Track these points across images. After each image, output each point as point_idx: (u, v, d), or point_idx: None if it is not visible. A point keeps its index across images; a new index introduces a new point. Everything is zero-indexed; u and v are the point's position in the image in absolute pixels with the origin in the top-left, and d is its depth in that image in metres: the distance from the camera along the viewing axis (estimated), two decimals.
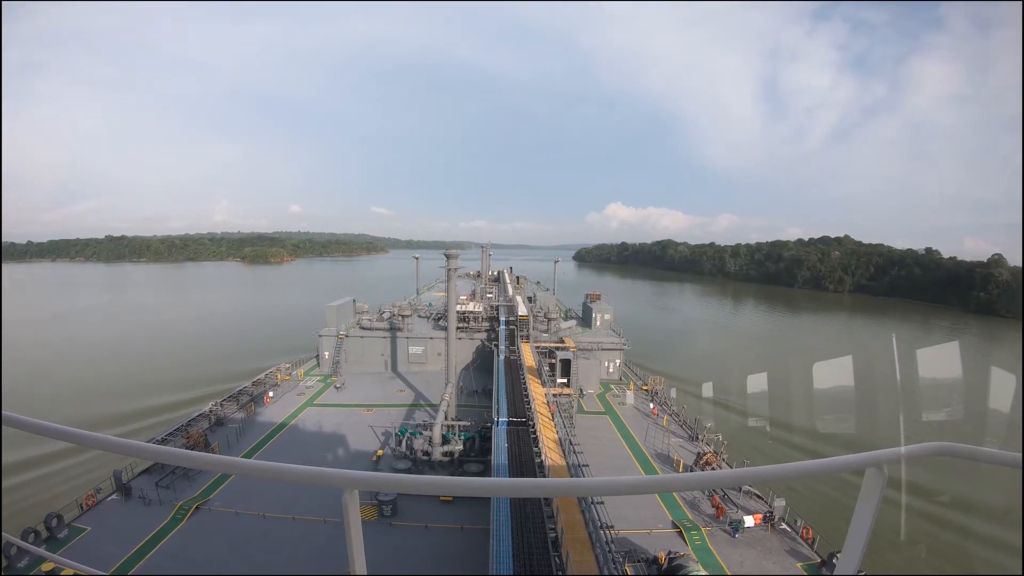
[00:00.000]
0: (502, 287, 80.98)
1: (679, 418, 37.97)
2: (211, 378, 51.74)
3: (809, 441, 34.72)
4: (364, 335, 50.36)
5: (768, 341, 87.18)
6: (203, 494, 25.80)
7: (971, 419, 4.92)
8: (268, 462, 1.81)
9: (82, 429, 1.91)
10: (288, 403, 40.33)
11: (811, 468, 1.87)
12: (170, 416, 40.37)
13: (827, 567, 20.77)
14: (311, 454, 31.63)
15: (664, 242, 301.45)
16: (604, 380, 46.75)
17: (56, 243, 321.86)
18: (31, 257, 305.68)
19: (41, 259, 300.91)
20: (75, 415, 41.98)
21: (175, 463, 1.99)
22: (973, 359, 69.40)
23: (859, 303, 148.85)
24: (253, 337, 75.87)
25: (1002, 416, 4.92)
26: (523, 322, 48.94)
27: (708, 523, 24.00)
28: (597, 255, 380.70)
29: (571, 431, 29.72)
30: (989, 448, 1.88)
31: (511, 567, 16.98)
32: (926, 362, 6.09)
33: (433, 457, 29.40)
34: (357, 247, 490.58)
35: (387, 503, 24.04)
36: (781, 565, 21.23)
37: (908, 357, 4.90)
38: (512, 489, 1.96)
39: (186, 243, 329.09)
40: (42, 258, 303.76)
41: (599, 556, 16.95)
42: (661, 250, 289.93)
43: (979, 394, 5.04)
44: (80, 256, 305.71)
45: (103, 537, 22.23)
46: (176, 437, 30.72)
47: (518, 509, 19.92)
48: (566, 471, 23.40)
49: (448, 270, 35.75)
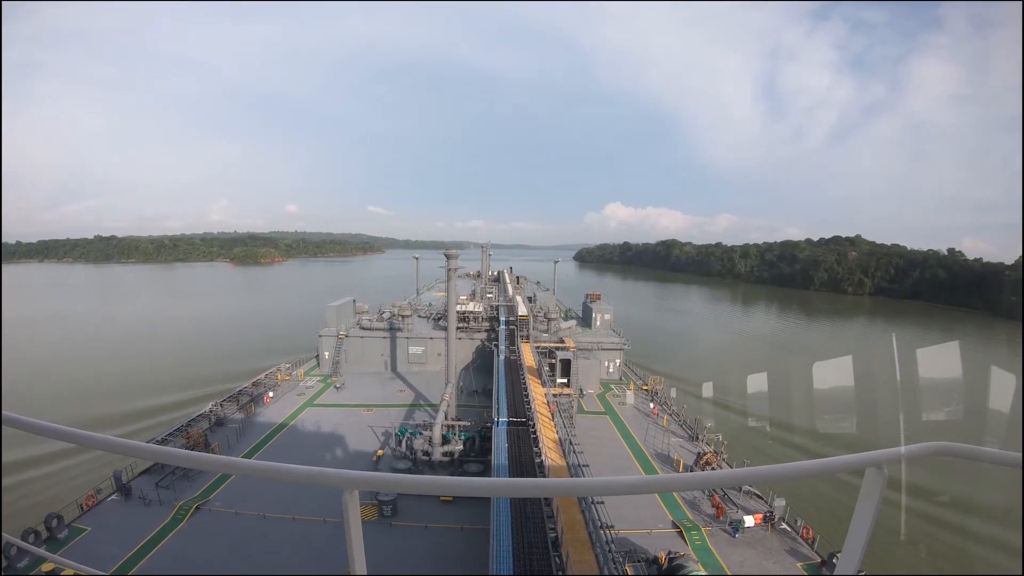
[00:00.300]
0: (502, 287, 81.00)
1: (679, 418, 37.99)
2: (211, 378, 51.77)
3: (820, 444, 34.57)
4: (364, 335, 50.35)
5: (795, 350, 77.94)
6: (203, 494, 25.79)
7: (972, 419, 4.91)
8: (268, 462, 1.81)
9: (82, 429, 1.91)
10: (288, 403, 40.32)
11: (811, 468, 1.87)
12: (170, 416, 40.39)
13: (827, 567, 20.77)
14: (311, 454, 31.63)
15: (668, 242, 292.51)
16: (604, 380, 46.75)
17: (46, 243, 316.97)
18: (19, 258, 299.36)
19: (30, 259, 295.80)
20: (75, 415, 41.98)
21: (175, 463, 1.99)
22: (1007, 367, 65.13)
23: (881, 306, 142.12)
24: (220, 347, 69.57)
25: (1002, 416, 4.92)
26: (523, 322, 48.94)
27: (708, 523, 24.00)
28: (599, 255, 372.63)
29: (571, 431, 29.69)
30: (989, 448, 1.88)
31: (511, 567, 16.97)
32: (926, 362, 6.08)
33: (433, 457, 29.40)
34: (353, 247, 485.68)
35: (387, 503, 24.03)
36: (781, 565, 21.23)
37: (908, 357, 4.89)
38: (512, 489, 1.96)
39: (176, 243, 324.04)
40: (31, 259, 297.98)
41: (599, 556, 16.94)
42: (665, 250, 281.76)
43: (979, 394, 5.04)
44: (68, 257, 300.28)
45: (103, 537, 22.23)
46: (176, 437, 30.71)
47: (518, 509, 19.92)
48: (566, 471, 23.39)
49: (448, 270, 35.75)
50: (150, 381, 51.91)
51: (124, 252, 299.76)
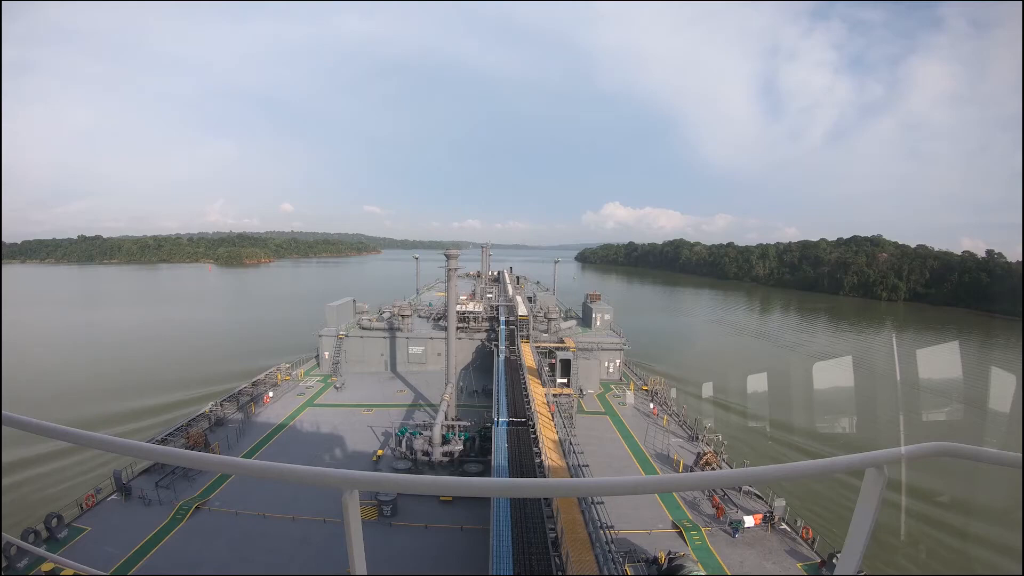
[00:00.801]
0: (502, 287, 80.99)
1: (679, 418, 37.99)
2: (211, 378, 51.76)
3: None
4: (364, 335, 50.36)
5: (884, 375, 53.49)
6: (203, 494, 25.79)
7: (971, 419, 4.90)
8: (268, 462, 1.81)
9: (82, 429, 1.91)
10: (288, 403, 40.32)
11: (811, 468, 1.87)
12: (170, 416, 40.39)
13: (827, 567, 20.76)
14: (311, 454, 31.63)
15: (676, 242, 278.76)
16: (604, 380, 46.76)
17: (30, 244, 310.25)
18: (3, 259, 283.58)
19: (12, 261, 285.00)
20: (75, 415, 41.99)
21: (175, 463, 1.99)
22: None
23: (919, 313, 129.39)
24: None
25: (1002, 416, 4.92)
26: (523, 322, 48.94)
27: (708, 523, 24.00)
28: (602, 256, 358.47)
29: (571, 431, 29.69)
30: (989, 448, 1.88)
31: (511, 567, 16.97)
32: (927, 363, 6.08)
33: (433, 457, 29.39)
34: (347, 247, 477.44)
35: (387, 503, 24.03)
36: (781, 565, 21.23)
37: (908, 357, 4.88)
38: (512, 489, 1.96)
39: (160, 243, 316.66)
40: (13, 260, 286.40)
41: (599, 556, 16.94)
42: (674, 251, 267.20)
43: (980, 394, 5.03)
44: (51, 258, 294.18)
45: (103, 537, 22.22)
46: (176, 437, 30.70)
47: (518, 509, 19.91)
48: (566, 471, 23.39)
49: (448, 270, 35.75)
50: (149, 381, 51.89)
51: (107, 253, 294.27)
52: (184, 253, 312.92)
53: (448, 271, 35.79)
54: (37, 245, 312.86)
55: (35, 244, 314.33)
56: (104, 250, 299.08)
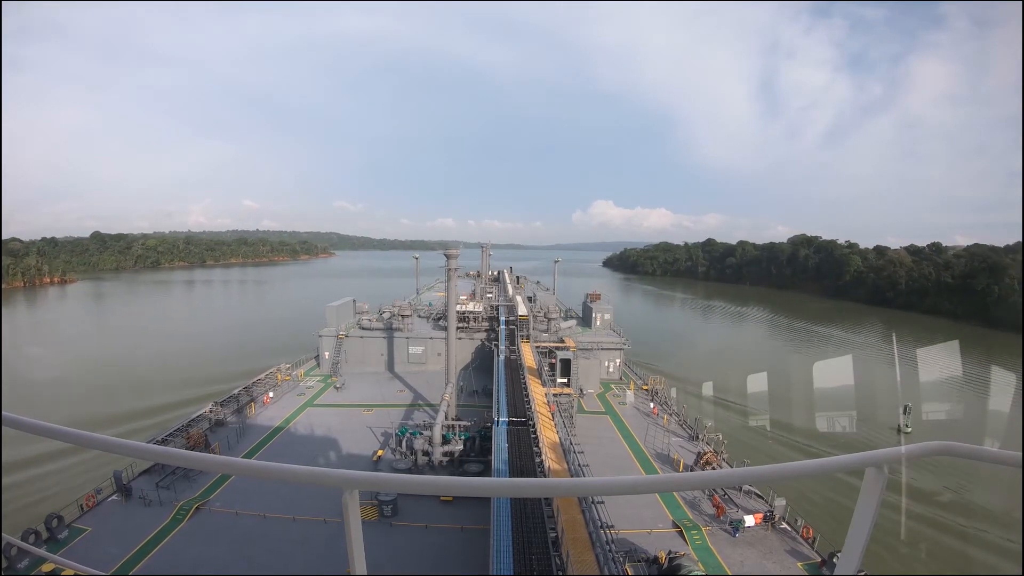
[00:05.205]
0: (502, 287, 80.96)
1: (679, 418, 37.99)
2: (211, 379, 51.74)
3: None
4: (364, 335, 50.35)
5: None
6: (203, 495, 25.78)
7: (972, 419, 4.90)
8: (268, 462, 1.81)
9: (82, 429, 1.91)
10: (288, 403, 40.31)
11: (811, 468, 1.87)
12: (170, 416, 40.36)
13: (827, 567, 20.76)
14: (311, 454, 31.63)
15: (839, 246, 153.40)
16: (604, 380, 46.77)
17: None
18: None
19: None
20: (75, 415, 41.96)
21: (175, 464, 1.99)
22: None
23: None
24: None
25: (1002, 416, 4.92)
26: (523, 322, 48.91)
27: (708, 523, 24.00)
28: (663, 263, 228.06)
29: (571, 431, 29.71)
30: (989, 448, 1.88)
31: (511, 567, 16.96)
32: (926, 363, 6.08)
33: (433, 457, 29.39)
34: (280, 251, 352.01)
35: (387, 503, 24.02)
36: (781, 565, 21.23)
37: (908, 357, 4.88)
38: (512, 489, 1.96)
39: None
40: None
41: (599, 556, 16.93)
42: (844, 257, 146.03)
43: (980, 395, 5.03)
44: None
45: (103, 538, 22.21)
46: (176, 438, 30.69)
47: (518, 509, 19.90)
48: (566, 471, 23.38)
49: (448, 270, 35.75)
50: (149, 381, 51.82)
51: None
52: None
53: (448, 271, 35.81)
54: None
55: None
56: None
